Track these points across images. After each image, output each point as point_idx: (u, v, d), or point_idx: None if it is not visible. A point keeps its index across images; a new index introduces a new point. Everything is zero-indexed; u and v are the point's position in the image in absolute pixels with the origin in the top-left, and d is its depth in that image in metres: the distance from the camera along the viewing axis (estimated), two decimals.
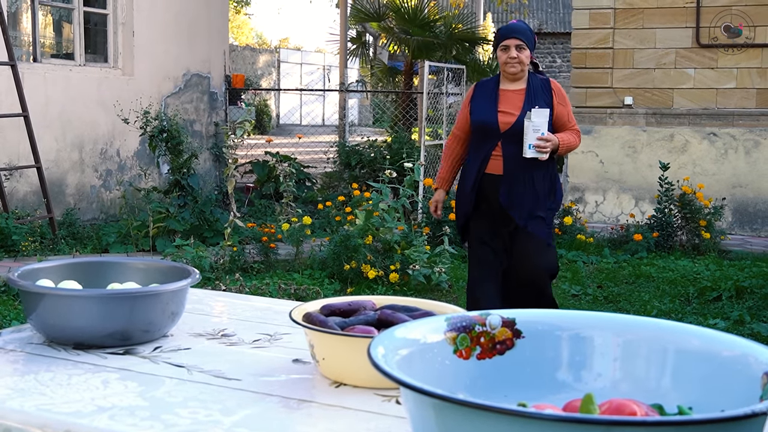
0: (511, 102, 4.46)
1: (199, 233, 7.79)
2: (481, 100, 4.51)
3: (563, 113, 4.52)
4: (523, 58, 4.42)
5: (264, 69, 27.90)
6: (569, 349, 1.34)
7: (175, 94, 10.26)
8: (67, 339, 1.71)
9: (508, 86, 4.52)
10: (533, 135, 4.31)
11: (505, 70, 4.47)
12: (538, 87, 4.48)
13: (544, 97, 4.45)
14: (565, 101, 4.56)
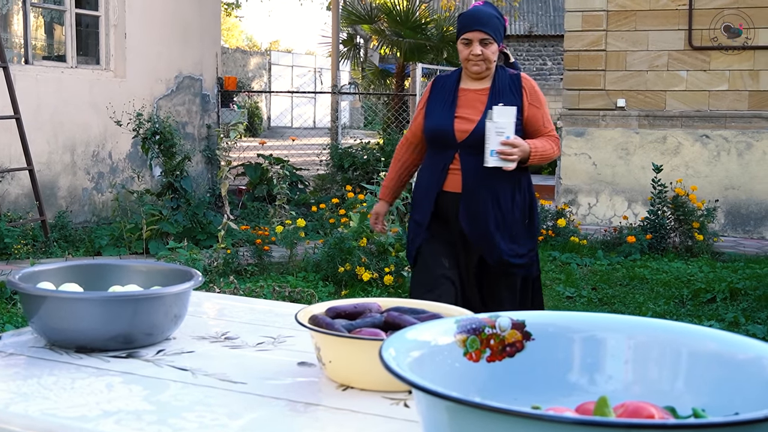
0: (471, 104, 3.65)
1: (192, 236, 7.76)
2: (437, 101, 3.71)
3: (537, 116, 3.68)
4: (489, 54, 3.59)
5: (255, 71, 27.86)
6: (581, 352, 1.33)
7: (167, 96, 10.23)
8: (69, 342, 1.69)
9: (469, 85, 3.68)
10: (496, 139, 3.46)
11: (467, 68, 3.65)
12: (506, 85, 3.67)
13: (512, 98, 3.64)
14: (539, 102, 3.71)
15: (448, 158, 3.64)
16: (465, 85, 3.68)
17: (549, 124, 3.73)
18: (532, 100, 3.68)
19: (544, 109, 3.74)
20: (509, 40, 27.94)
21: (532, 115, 3.67)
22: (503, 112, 3.48)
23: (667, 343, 1.27)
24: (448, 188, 3.64)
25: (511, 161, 3.47)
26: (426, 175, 3.75)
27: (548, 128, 3.71)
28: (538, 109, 3.70)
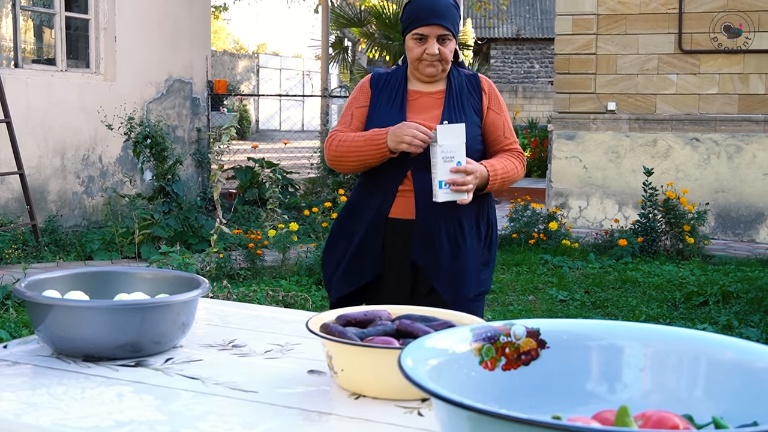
0: (426, 110, 2.99)
1: (184, 240, 7.73)
2: (381, 104, 3.00)
3: (497, 124, 3.04)
4: (447, 53, 2.94)
5: (243, 74, 27.82)
6: (597, 360, 1.32)
7: (157, 99, 10.20)
8: (77, 351, 1.68)
9: (419, 87, 3.03)
10: (444, 166, 2.76)
11: (418, 69, 2.97)
12: (463, 87, 3.05)
13: (471, 101, 3.03)
14: (500, 107, 3.08)
15: (398, 177, 2.90)
16: (415, 87, 3.03)
17: (510, 134, 3.09)
18: (492, 104, 3.07)
19: (505, 115, 3.11)
20: (497, 43, 28.05)
21: (492, 122, 3.04)
22: (450, 131, 2.77)
23: (685, 351, 1.27)
24: (396, 214, 2.92)
25: (465, 192, 2.79)
26: (365, 198, 2.99)
27: (509, 139, 3.07)
28: (498, 115, 3.07)
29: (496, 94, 3.11)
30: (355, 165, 2.93)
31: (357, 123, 3.02)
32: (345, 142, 2.91)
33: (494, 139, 3.06)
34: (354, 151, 2.89)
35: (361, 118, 3.02)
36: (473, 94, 3.05)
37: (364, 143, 2.87)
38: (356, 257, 2.97)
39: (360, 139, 2.89)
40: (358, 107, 3.04)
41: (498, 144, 3.07)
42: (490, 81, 3.13)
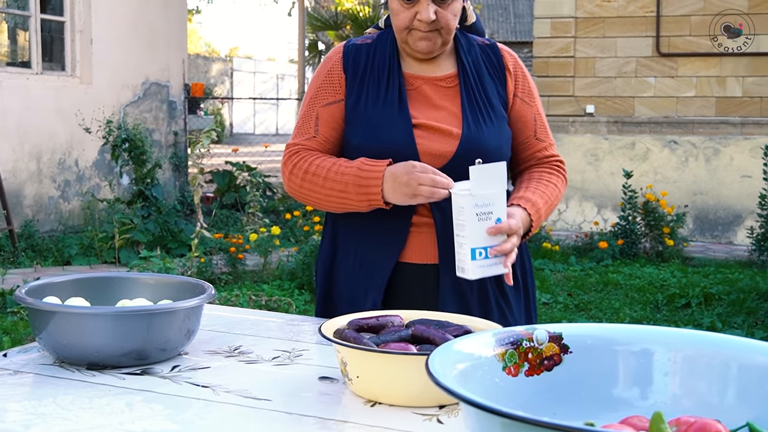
0: (435, 104, 2.09)
1: (163, 244, 7.66)
2: (368, 97, 2.08)
3: (527, 119, 2.17)
4: (449, 18, 2.03)
5: (217, 78, 27.70)
6: (624, 364, 1.30)
7: (134, 102, 10.11)
8: (81, 359, 1.63)
9: (418, 69, 2.12)
10: (479, 227, 1.87)
11: (408, 43, 2.06)
12: (480, 64, 2.14)
13: (494, 87, 2.13)
14: (531, 94, 2.19)
15: (409, 206, 2.00)
16: (411, 69, 2.12)
17: (545, 134, 2.20)
18: (520, 88, 2.16)
19: (537, 105, 2.20)
20: None
21: (520, 115, 2.15)
22: (487, 174, 1.87)
23: (714, 355, 1.25)
24: (410, 258, 2.06)
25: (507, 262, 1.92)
26: (359, 235, 2.10)
27: (544, 142, 2.19)
28: (528, 106, 2.17)
29: (524, 73, 2.19)
30: (333, 209, 2.06)
31: (326, 131, 2.08)
32: (317, 176, 2.02)
33: (522, 141, 2.17)
34: (331, 195, 2.01)
35: (332, 122, 2.09)
36: (494, 74, 2.15)
37: (345, 186, 1.97)
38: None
39: (340, 177, 1.98)
40: (325, 105, 2.10)
41: (527, 149, 2.18)
42: (514, 54, 2.22)
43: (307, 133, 2.11)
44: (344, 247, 2.14)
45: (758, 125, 9.32)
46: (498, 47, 2.19)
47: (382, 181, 1.94)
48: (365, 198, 1.97)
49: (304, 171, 2.05)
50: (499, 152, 2.08)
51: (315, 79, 2.17)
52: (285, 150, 2.13)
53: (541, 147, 2.19)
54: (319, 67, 2.17)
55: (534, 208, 2.05)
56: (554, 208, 2.20)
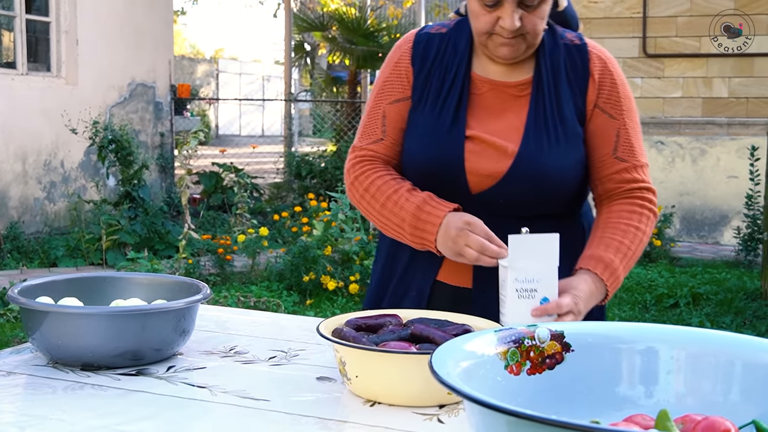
0: (497, 115, 1.88)
1: (150, 246, 7.62)
2: (428, 100, 1.89)
3: (607, 135, 1.88)
4: (536, 23, 1.79)
5: (203, 79, 27.61)
6: (628, 363, 1.29)
7: (120, 103, 10.06)
8: (75, 360, 1.61)
9: (491, 70, 1.90)
10: (519, 305, 1.66)
11: (488, 47, 1.84)
12: (560, 70, 1.88)
13: (572, 97, 1.87)
14: (618, 104, 1.89)
15: None
16: (482, 71, 1.90)
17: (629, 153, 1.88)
18: (603, 98, 1.88)
19: (625, 119, 1.88)
20: None
21: (599, 130, 1.88)
22: (531, 246, 1.64)
23: (719, 354, 1.24)
24: (446, 278, 1.93)
25: None
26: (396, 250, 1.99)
27: (626, 162, 1.88)
28: (611, 120, 1.87)
29: (614, 80, 1.89)
30: (386, 234, 1.93)
31: (394, 133, 1.92)
32: (375, 199, 1.88)
33: (599, 159, 1.88)
34: (386, 224, 1.87)
35: (401, 122, 1.92)
36: (574, 81, 1.88)
37: (402, 222, 1.83)
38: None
39: (398, 210, 1.83)
40: (393, 102, 1.92)
41: (604, 168, 1.88)
42: (606, 57, 1.91)
43: (374, 134, 1.93)
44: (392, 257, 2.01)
45: (744, 126, 9.35)
46: (587, 49, 1.90)
47: (437, 232, 1.78)
48: (419, 240, 1.82)
49: (364, 189, 1.90)
50: (561, 175, 1.83)
51: (383, 70, 1.97)
52: (350, 153, 1.97)
53: (621, 168, 1.87)
54: (388, 57, 1.97)
55: (608, 271, 1.78)
56: (638, 257, 1.87)
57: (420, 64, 1.90)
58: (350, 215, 6.61)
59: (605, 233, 1.83)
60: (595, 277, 1.76)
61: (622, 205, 1.87)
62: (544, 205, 1.87)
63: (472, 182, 1.83)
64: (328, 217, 6.58)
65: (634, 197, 1.88)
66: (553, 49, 1.89)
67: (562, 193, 1.87)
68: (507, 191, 1.81)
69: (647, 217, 1.87)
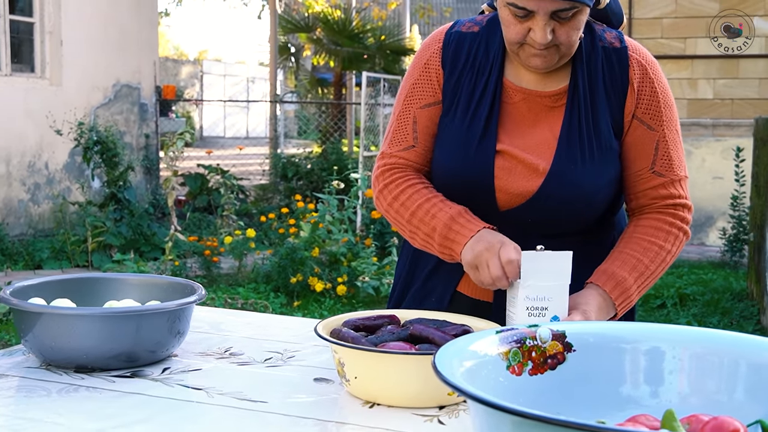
0: (529, 127, 1.79)
1: (136, 247, 7.57)
2: (459, 108, 1.79)
3: (645, 148, 1.78)
4: (571, 35, 1.66)
5: (187, 80, 27.53)
6: (631, 363, 1.28)
7: (104, 105, 10.00)
8: (68, 362, 1.59)
9: (525, 79, 1.79)
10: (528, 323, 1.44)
11: (520, 56, 1.72)
12: (598, 78, 1.77)
13: (609, 106, 1.77)
14: (659, 113, 1.77)
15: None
16: (515, 78, 1.79)
17: (667, 166, 1.79)
18: (642, 108, 1.77)
19: (666, 129, 1.78)
20: None
21: (638, 142, 1.78)
22: (544, 263, 1.60)
23: (723, 353, 1.23)
24: (466, 290, 1.87)
25: None
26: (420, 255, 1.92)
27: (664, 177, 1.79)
28: (650, 132, 1.77)
29: (654, 89, 1.77)
30: (414, 244, 1.84)
31: (426, 140, 1.83)
32: (404, 208, 1.79)
33: (635, 173, 1.79)
34: (415, 234, 1.79)
35: (432, 128, 1.82)
36: (611, 90, 1.77)
37: (431, 232, 1.74)
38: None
39: (429, 219, 1.74)
40: (423, 106, 1.82)
41: (640, 183, 1.79)
42: (648, 62, 1.79)
43: (404, 141, 1.82)
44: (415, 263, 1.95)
45: (729, 127, 9.39)
46: (627, 53, 1.76)
47: (463, 246, 1.69)
48: (448, 253, 1.73)
49: (393, 197, 1.81)
50: (593, 195, 1.75)
51: (411, 71, 1.85)
52: (378, 159, 1.86)
53: (658, 183, 1.77)
54: (415, 57, 1.86)
55: (619, 289, 1.70)
56: (657, 277, 1.78)
57: (451, 66, 1.80)
58: (338, 216, 6.60)
59: (625, 249, 1.76)
60: (604, 293, 1.70)
61: (651, 221, 1.78)
62: (575, 223, 1.80)
63: (500, 200, 1.76)
64: (316, 219, 6.56)
65: (666, 213, 1.79)
66: (591, 54, 1.77)
67: (594, 211, 1.79)
68: (536, 210, 1.74)
69: (675, 236, 1.77)
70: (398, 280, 2.00)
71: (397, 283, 2.01)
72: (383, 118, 9.83)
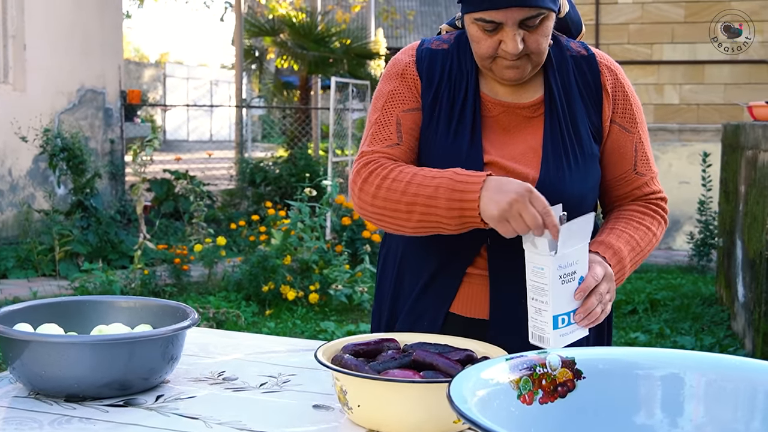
0: (512, 138, 1.79)
1: (103, 255, 7.47)
2: (439, 121, 1.78)
3: (625, 150, 1.83)
4: (540, 42, 1.68)
5: (150, 84, 27.29)
6: (646, 390, 1.26)
7: (69, 110, 9.86)
8: (58, 391, 1.54)
9: (500, 92, 1.80)
10: (563, 291, 1.57)
11: (493, 70, 1.73)
12: (572, 85, 1.80)
13: (587, 113, 1.80)
14: (632, 117, 1.83)
15: (467, 253, 1.80)
16: (491, 92, 1.80)
17: (647, 167, 1.85)
18: (619, 112, 1.82)
19: (640, 131, 1.84)
20: None
21: (617, 145, 1.82)
22: (573, 230, 1.56)
23: (740, 380, 1.22)
24: (459, 310, 1.83)
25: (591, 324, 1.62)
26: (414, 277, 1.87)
27: (644, 176, 1.84)
28: (628, 134, 1.82)
29: (626, 92, 1.83)
30: (412, 225, 1.68)
31: (411, 141, 1.79)
32: (397, 181, 1.68)
33: (619, 177, 1.84)
34: (414, 203, 1.65)
35: (416, 131, 1.79)
36: (587, 97, 1.80)
37: (435, 191, 1.63)
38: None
39: (429, 181, 1.65)
40: (406, 110, 1.79)
41: (625, 185, 1.84)
42: (615, 68, 1.84)
43: (388, 139, 1.76)
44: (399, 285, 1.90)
45: (695, 132, 9.48)
46: (596, 60, 1.81)
47: (482, 188, 1.58)
48: (458, 207, 1.60)
49: (382, 178, 1.69)
50: (581, 202, 1.74)
51: (386, 82, 1.82)
52: (357, 159, 1.77)
53: (642, 183, 1.83)
54: (387, 70, 1.84)
55: (616, 258, 1.71)
56: (645, 257, 1.79)
57: (427, 79, 1.79)
58: (309, 224, 6.55)
59: (617, 225, 1.78)
60: (604, 261, 1.67)
61: (637, 206, 1.83)
62: None
63: None
64: (287, 226, 6.50)
65: (649, 202, 1.84)
66: (561, 63, 1.80)
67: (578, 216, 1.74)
68: None
69: (659, 222, 1.83)
70: (382, 299, 1.95)
71: (382, 303, 1.96)
72: (351, 123, 9.80)
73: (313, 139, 14.61)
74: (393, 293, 1.91)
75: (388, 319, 1.93)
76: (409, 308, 1.86)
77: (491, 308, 1.78)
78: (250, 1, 18.39)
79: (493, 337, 1.72)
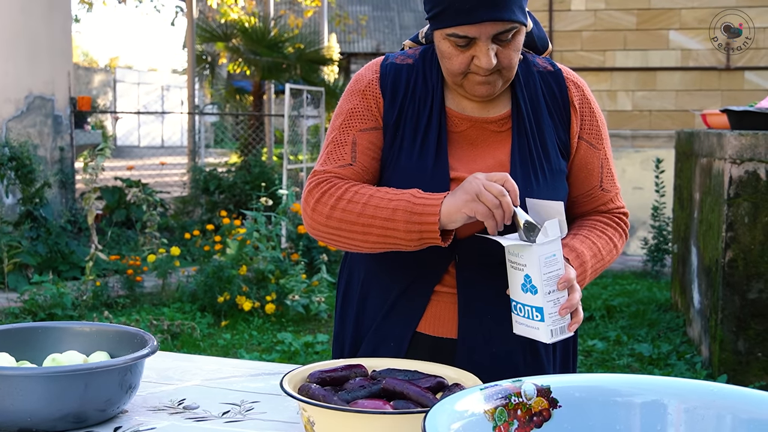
0: (480, 153, 1.77)
1: (54, 267, 7.31)
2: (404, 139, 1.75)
3: (592, 166, 1.82)
4: (512, 56, 1.67)
5: (99, 89, 26.93)
6: (622, 418, 1.23)
7: (17, 117, 9.65)
8: (11, 425, 1.46)
9: (466, 107, 1.78)
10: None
11: (464, 87, 1.71)
12: (539, 101, 1.79)
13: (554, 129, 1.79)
14: (599, 134, 1.83)
15: (436, 270, 1.76)
16: (458, 107, 1.78)
17: (611, 184, 1.86)
18: (586, 129, 1.81)
19: (606, 148, 1.84)
20: (357, 58, 28.04)
21: (584, 162, 1.82)
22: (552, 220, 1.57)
23: (721, 407, 1.19)
24: (427, 329, 1.79)
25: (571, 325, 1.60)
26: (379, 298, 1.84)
27: (610, 192, 1.85)
28: (594, 151, 1.81)
29: (592, 108, 1.83)
30: (369, 245, 1.67)
31: (365, 160, 1.75)
32: (353, 203, 1.66)
33: (585, 193, 1.84)
34: (371, 225, 1.64)
35: (372, 151, 1.76)
36: (555, 112, 1.79)
37: (393, 213, 1.62)
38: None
39: (386, 203, 1.63)
40: (363, 130, 1.76)
41: (591, 202, 1.85)
42: (581, 84, 1.84)
43: (341, 159, 1.74)
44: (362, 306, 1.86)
45: (648, 138, 9.56)
46: (563, 75, 1.81)
47: (440, 210, 1.57)
48: (417, 230, 1.59)
49: (336, 198, 1.66)
50: None
51: (346, 99, 1.79)
52: (309, 179, 1.75)
53: (607, 199, 1.84)
54: (349, 87, 1.81)
55: (578, 261, 1.69)
56: (605, 267, 1.78)
57: (391, 96, 1.76)
58: (264, 233, 6.47)
59: (580, 231, 1.79)
60: (568, 264, 1.65)
61: (600, 217, 1.85)
62: None
63: (459, 228, 1.66)
64: (242, 236, 6.42)
65: (612, 215, 1.86)
66: (528, 78, 1.80)
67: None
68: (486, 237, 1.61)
69: (620, 235, 1.84)
70: (345, 322, 1.91)
71: (344, 326, 1.91)
72: (305, 129, 9.73)
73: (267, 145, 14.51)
74: (356, 315, 1.87)
75: (352, 342, 1.88)
76: (375, 329, 1.82)
77: (460, 326, 1.75)
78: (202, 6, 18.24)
79: (462, 356, 1.72)
